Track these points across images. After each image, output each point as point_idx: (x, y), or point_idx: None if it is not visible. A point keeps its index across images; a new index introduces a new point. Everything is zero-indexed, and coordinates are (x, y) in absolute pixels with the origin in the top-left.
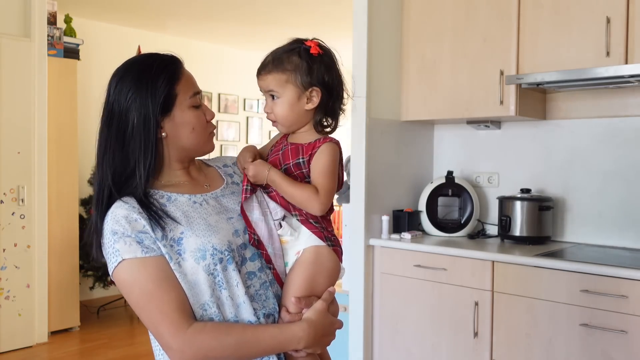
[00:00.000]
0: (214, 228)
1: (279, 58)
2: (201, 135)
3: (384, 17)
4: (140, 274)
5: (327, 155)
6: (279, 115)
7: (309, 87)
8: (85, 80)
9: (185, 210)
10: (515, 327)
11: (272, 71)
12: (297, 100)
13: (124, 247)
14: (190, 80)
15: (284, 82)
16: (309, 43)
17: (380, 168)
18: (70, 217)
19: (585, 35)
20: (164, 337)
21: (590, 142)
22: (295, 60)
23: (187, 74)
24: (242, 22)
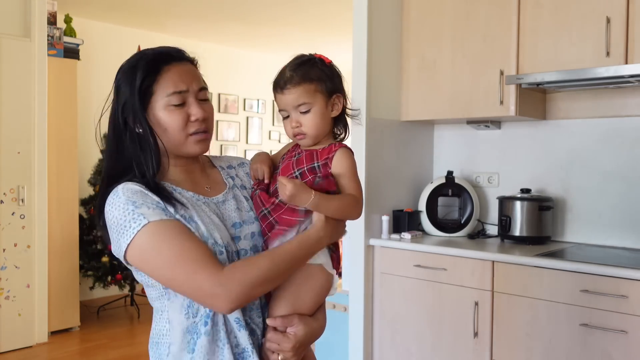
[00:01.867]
0: (216, 225)
1: (302, 70)
2: (176, 137)
3: (384, 17)
4: (167, 233)
5: (348, 159)
6: (311, 126)
7: (333, 94)
8: (85, 80)
9: (192, 203)
10: (515, 327)
11: (301, 83)
12: (325, 109)
13: (148, 212)
14: (172, 78)
15: (314, 91)
16: (317, 55)
17: (380, 168)
18: (70, 217)
19: (585, 35)
20: (204, 286)
21: (590, 142)
22: (317, 69)
23: (174, 70)
24: (242, 22)
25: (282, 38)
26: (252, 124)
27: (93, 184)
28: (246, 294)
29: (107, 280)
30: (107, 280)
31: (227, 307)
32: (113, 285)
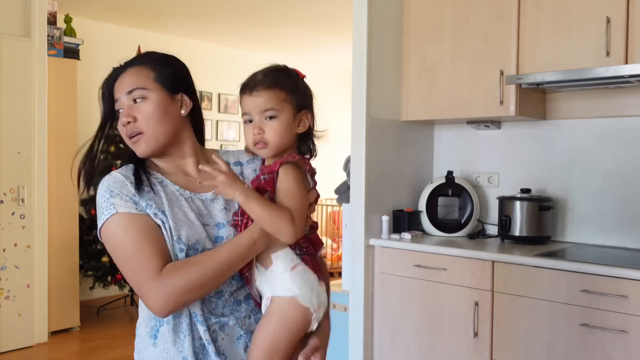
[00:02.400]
0: (189, 222)
1: (275, 76)
2: (126, 141)
3: (384, 17)
4: (130, 227)
5: (291, 175)
6: (273, 136)
7: (302, 109)
8: (85, 80)
9: (170, 197)
10: (515, 327)
11: (272, 88)
12: (292, 121)
13: (120, 202)
14: (119, 85)
15: (283, 100)
16: (293, 69)
17: (380, 168)
18: (70, 217)
19: (585, 35)
20: (142, 288)
21: (590, 142)
22: (290, 80)
23: (122, 77)
24: (242, 22)
25: (282, 38)
26: None
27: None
28: (176, 301)
29: (107, 280)
30: (107, 280)
31: (158, 312)
32: (113, 285)
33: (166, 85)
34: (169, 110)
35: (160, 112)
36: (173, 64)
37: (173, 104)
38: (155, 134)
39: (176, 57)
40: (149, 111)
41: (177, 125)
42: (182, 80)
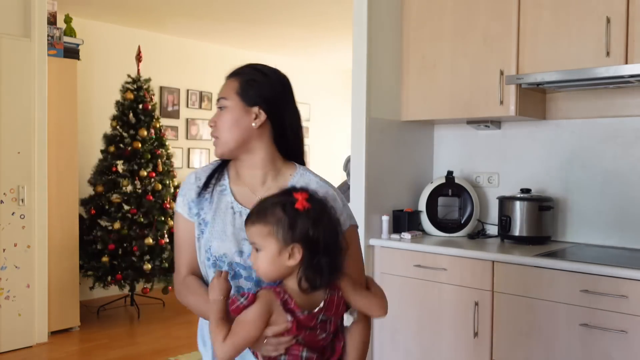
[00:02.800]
0: (223, 236)
1: (264, 209)
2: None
3: (384, 17)
4: (178, 227)
5: (250, 309)
6: (260, 267)
7: (291, 243)
8: (85, 80)
9: (219, 206)
10: (515, 327)
11: (255, 223)
12: (278, 255)
13: (180, 202)
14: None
15: (266, 234)
16: (297, 195)
17: (380, 168)
18: (70, 217)
19: (585, 35)
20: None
21: (590, 142)
22: (279, 213)
23: (223, 84)
24: (242, 22)
25: (282, 38)
26: None
27: (93, 184)
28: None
29: (107, 280)
30: (107, 280)
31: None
32: (113, 285)
33: (244, 97)
34: (240, 121)
35: (231, 122)
36: (262, 79)
37: (246, 116)
38: (225, 140)
39: (275, 72)
40: (223, 119)
41: (247, 135)
42: (263, 95)
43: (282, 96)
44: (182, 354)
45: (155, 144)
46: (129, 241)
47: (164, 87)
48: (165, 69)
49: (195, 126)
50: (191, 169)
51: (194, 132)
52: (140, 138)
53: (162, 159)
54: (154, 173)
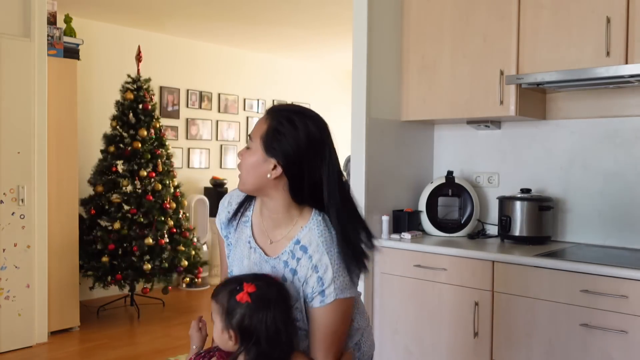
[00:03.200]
0: (241, 265)
1: (220, 290)
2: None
3: (384, 17)
4: (219, 240)
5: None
6: (214, 337)
7: (229, 327)
8: (85, 80)
9: (241, 236)
10: (515, 327)
11: (213, 299)
12: (221, 333)
13: (217, 219)
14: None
15: (216, 312)
16: (245, 286)
17: (380, 168)
18: (70, 217)
19: (585, 35)
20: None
21: (590, 142)
22: (224, 298)
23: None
24: (242, 22)
25: (282, 38)
26: (252, 124)
27: (93, 184)
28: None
29: (107, 280)
30: (107, 280)
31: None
32: (113, 285)
33: (266, 146)
34: (258, 168)
35: (251, 165)
36: (288, 132)
37: (264, 164)
38: (244, 181)
39: (306, 127)
40: (245, 159)
41: (263, 182)
42: (284, 150)
43: (305, 153)
44: (182, 354)
45: (155, 144)
46: (129, 241)
47: (164, 87)
48: (165, 69)
49: (195, 126)
50: (191, 169)
51: (194, 132)
52: (140, 138)
53: (162, 159)
54: (154, 173)
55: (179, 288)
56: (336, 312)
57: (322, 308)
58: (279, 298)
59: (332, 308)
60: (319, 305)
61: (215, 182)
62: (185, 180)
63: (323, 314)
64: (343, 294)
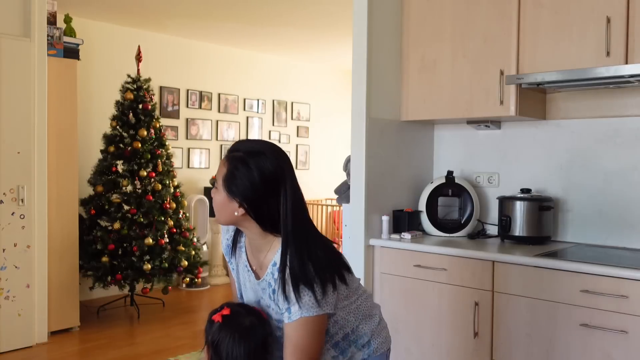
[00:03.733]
0: (245, 288)
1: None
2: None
3: (384, 17)
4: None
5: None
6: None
7: (205, 342)
8: (85, 80)
9: (239, 262)
10: (515, 327)
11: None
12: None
13: (223, 240)
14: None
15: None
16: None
17: (380, 168)
18: (70, 217)
19: (585, 35)
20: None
21: (590, 142)
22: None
23: (221, 163)
24: (242, 22)
25: (282, 38)
26: (252, 124)
27: (93, 184)
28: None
29: (107, 280)
30: (107, 280)
31: None
32: (113, 285)
33: (227, 188)
34: (226, 207)
35: (219, 205)
36: (243, 175)
37: (230, 204)
38: (218, 217)
39: (259, 167)
40: (215, 199)
41: (234, 219)
42: (242, 192)
43: (262, 192)
44: (181, 354)
45: (155, 144)
46: (129, 241)
47: (164, 87)
48: (165, 69)
49: (195, 126)
50: (191, 169)
51: (194, 132)
52: (140, 138)
53: (162, 159)
54: (154, 173)
55: (179, 288)
56: (303, 329)
57: (290, 324)
58: (251, 330)
59: (298, 325)
60: (287, 321)
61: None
62: (185, 180)
63: (291, 330)
64: (309, 313)
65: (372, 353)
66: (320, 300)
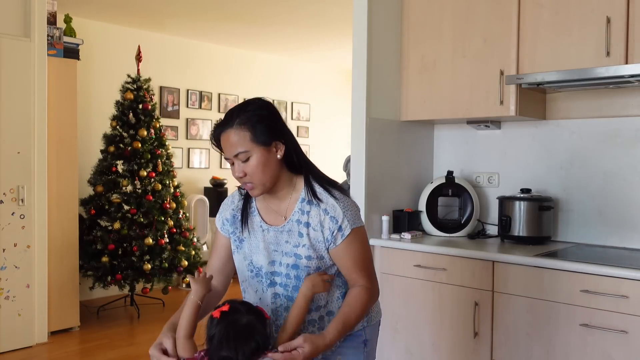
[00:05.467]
0: (258, 250)
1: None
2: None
3: (384, 17)
4: (215, 236)
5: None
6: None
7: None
8: (85, 80)
9: (252, 226)
10: (515, 327)
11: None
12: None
13: (218, 218)
14: (225, 143)
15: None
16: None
17: (380, 168)
18: (70, 217)
19: (585, 35)
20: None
21: (590, 142)
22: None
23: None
24: (242, 22)
25: (282, 38)
26: None
27: (93, 184)
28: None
29: (107, 280)
30: (107, 280)
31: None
32: (113, 285)
33: (262, 142)
34: (268, 161)
35: (262, 166)
36: (264, 117)
37: (270, 154)
38: (262, 182)
39: (264, 104)
40: (253, 167)
41: (278, 168)
42: (274, 130)
43: (280, 119)
44: None
45: (155, 144)
46: (129, 241)
47: (164, 87)
48: (165, 69)
49: (195, 126)
50: (191, 169)
51: (194, 132)
52: (140, 138)
53: (162, 159)
54: (153, 173)
55: (179, 288)
56: (358, 241)
57: (344, 242)
58: (246, 328)
59: (352, 238)
60: (341, 240)
61: (215, 182)
62: (185, 180)
63: (347, 246)
64: (357, 224)
65: (369, 320)
66: (358, 212)
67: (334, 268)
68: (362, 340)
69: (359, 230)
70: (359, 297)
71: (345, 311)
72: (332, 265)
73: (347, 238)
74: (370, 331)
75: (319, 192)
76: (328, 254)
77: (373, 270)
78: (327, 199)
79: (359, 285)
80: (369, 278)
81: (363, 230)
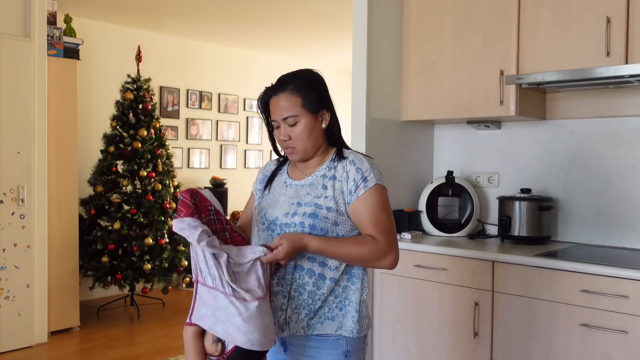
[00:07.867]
0: (273, 204)
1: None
2: (281, 146)
3: (384, 17)
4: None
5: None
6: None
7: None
8: (85, 80)
9: (276, 185)
10: (515, 327)
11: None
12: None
13: (255, 179)
14: (272, 109)
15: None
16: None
17: (380, 168)
18: (70, 217)
19: (585, 35)
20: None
21: (590, 142)
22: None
23: (272, 103)
24: (242, 21)
25: (282, 38)
26: (252, 124)
27: (93, 184)
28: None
29: (107, 280)
30: (107, 280)
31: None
32: (113, 285)
33: (311, 109)
34: (314, 129)
35: (308, 132)
36: (315, 87)
37: (316, 122)
38: (305, 149)
39: (316, 75)
40: (299, 132)
41: (321, 137)
42: (322, 100)
43: (328, 92)
44: (181, 354)
45: (155, 144)
46: (129, 241)
47: (164, 87)
48: (165, 69)
49: (195, 126)
50: (191, 169)
51: (194, 132)
52: (140, 138)
53: (162, 159)
54: (153, 173)
55: (179, 288)
56: (379, 196)
57: (365, 194)
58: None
59: (375, 192)
60: (363, 191)
61: (215, 182)
62: (185, 180)
63: (368, 198)
64: (380, 182)
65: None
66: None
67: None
68: (342, 351)
69: (382, 188)
70: (362, 238)
71: (340, 238)
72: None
73: (369, 191)
74: (353, 343)
75: (347, 152)
76: (347, 212)
77: (393, 233)
78: (356, 155)
79: (371, 235)
80: (385, 236)
81: (386, 192)
